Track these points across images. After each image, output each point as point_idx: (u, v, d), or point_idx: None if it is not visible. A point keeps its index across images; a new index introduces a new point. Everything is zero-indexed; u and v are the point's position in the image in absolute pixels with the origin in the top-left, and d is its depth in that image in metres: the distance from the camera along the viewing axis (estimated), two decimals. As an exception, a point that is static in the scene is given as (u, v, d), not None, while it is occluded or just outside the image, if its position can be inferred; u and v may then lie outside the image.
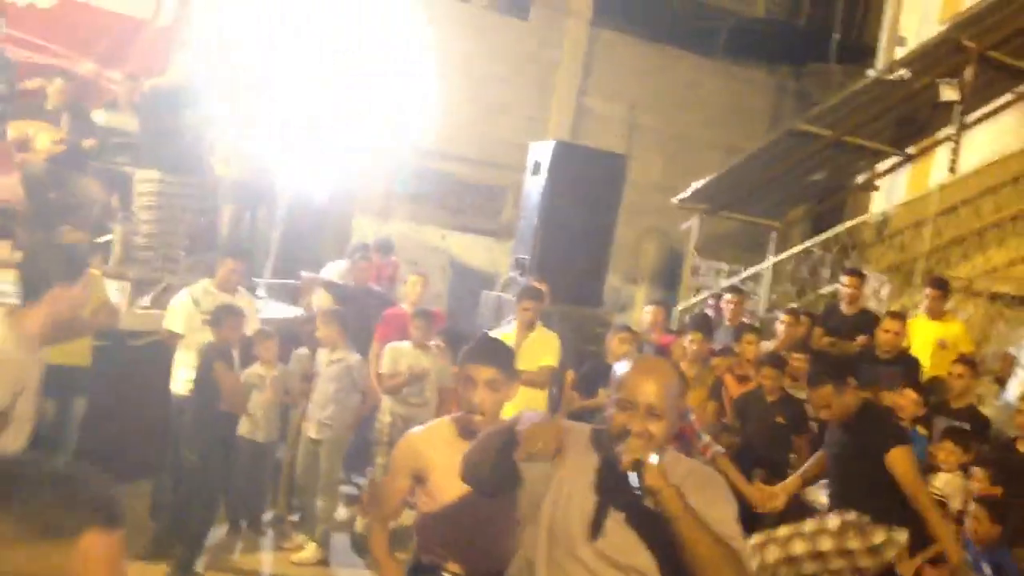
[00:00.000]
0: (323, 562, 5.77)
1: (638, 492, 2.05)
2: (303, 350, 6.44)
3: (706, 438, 5.42)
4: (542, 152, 8.06)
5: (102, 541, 1.05)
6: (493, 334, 6.66)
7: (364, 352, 6.34)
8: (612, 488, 2.16)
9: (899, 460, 4.29)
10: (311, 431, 5.92)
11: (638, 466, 2.05)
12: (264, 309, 7.27)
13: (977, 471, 5.20)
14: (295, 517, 6.24)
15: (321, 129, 7.56)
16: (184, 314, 5.84)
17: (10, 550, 1.00)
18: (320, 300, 7.55)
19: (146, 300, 6.28)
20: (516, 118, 11.83)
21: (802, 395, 6.68)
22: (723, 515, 2.18)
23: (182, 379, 5.66)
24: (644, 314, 8.20)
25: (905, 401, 5.93)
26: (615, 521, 2.16)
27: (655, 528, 2.08)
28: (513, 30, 12.24)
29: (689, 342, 7.05)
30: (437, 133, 11.41)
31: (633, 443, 2.10)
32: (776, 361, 6.53)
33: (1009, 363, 6.67)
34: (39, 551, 1.01)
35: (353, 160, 8.78)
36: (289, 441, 6.44)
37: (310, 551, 5.78)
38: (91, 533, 1.04)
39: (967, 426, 6.00)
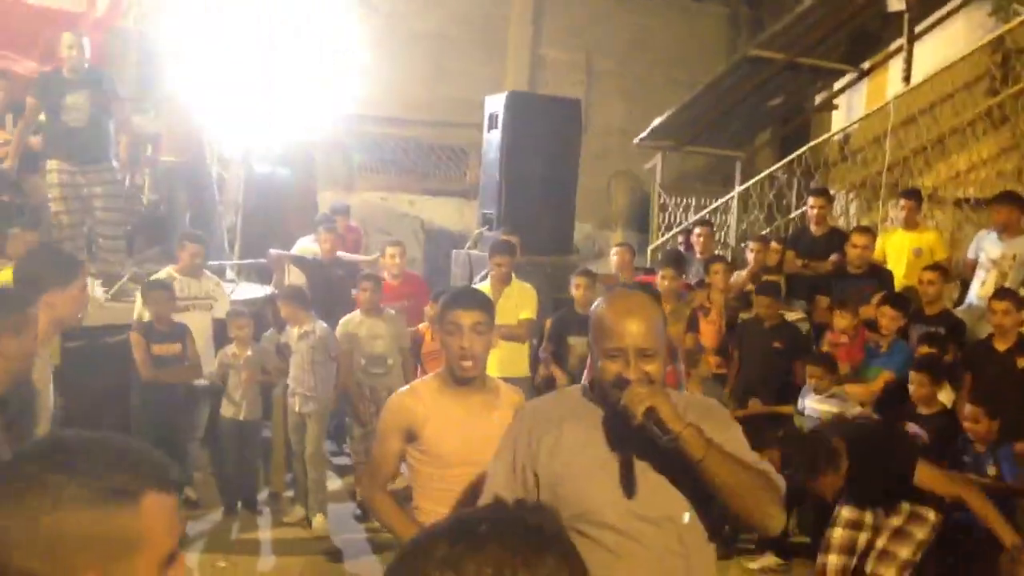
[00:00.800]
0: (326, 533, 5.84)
1: (658, 439, 1.92)
2: (270, 331, 6.43)
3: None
4: (496, 105, 8.02)
5: (160, 502, 1.12)
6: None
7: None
8: (626, 441, 2.04)
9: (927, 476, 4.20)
10: (296, 405, 5.95)
11: (652, 413, 1.92)
12: (236, 291, 7.25)
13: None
14: (290, 493, 6.28)
15: (265, 102, 7.46)
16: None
17: (80, 513, 1.06)
18: (292, 277, 7.53)
19: (104, 294, 6.21)
20: (473, 76, 11.70)
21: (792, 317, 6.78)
22: (735, 437, 2.11)
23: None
24: (612, 256, 8.23)
25: (884, 318, 6.00)
26: (641, 473, 2.04)
27: (682, 470, 1.97)
28: (458, -14, 12.09)
29: (661, 278, 7.08)
30: (393, 99, 11.32)
31: (638, 391, 1.97)
32: (770, 288, 6.58)
33: (971, 267, 6.72)
34: (106, 513, 1.07)
35: (306, 133, 8.73)
36: (275, 419, 6.46)
37: (318, 522, 5.82)
38: (151, 495, 1.11)
39: (942, 330, 6.09)
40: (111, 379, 5.72)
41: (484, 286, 6.57)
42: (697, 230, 8.20)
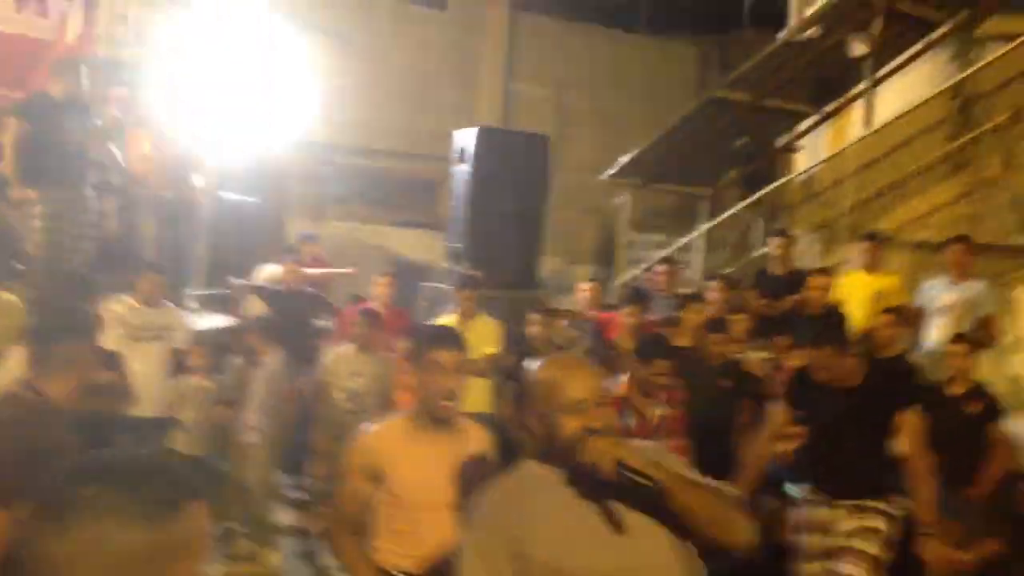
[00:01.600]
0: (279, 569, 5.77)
1: (635, 488, 1.93)
2: (238, 360, 6.39)
3: None
4: (466, 140, 8.06)
5: (199, 511, 1.19)
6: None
7: (305, 355, 6.30)
8: (597, 492, 2.02)
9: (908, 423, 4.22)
10: (245, 437, 5.91)
11: (624, 464, 1.93)
12: (198, 321, 7.21)
13: None
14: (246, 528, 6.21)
15: (233, 133, 7.47)
16: (110, 334, 5.78)
17: (127, 527, 1.11)
18: (253, 307, 7.49)
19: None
20: (443, 109, 11.80)
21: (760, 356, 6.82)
22: (680, 465, 2.15)
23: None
24: (580, 292, 8.27)
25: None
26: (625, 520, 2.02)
27: (656, 508, 1.98)
28: (432, 21, 12.21)
29: (626, 315, 7.12)
30: (366, 130, 11.38)
31: (604, 443, 1.97)
32: (718, 325, 6.61)
33: (921, 315, 6.83)
34: (151, 525, 1.13)
35: (278, 162, 8.75)
36: (232, 452, 6.40)
37: (268, 558, 5.75)
38: (190, 506, 1.17)
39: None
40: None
41: (450, 320, 6.59)
42: (659, 268, 8.27)
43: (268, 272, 7.88)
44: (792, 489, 4.67)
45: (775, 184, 9.10)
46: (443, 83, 12.23)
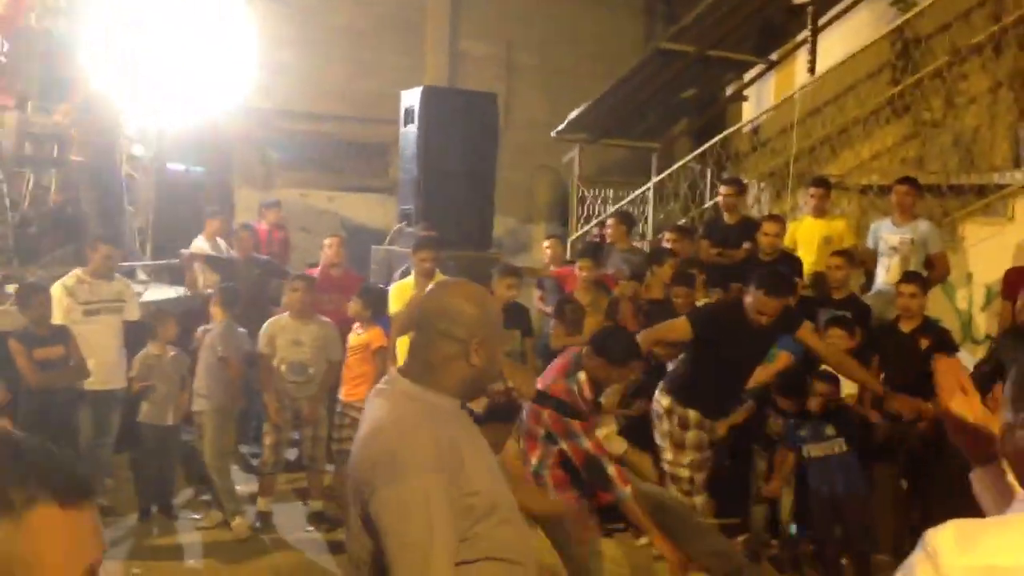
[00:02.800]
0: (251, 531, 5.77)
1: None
2: (200, 329, 6.30)
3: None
4: (412, 100, 7.98)
5: (56, 518, 0.92)
6: (392, 286, 6.67)
7: (259, 323, 6.22)
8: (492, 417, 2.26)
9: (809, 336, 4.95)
10: (194, 405, 5.88)
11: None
12: (146, 292, 7.11)
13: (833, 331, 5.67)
14: (207, 496, 6.19)
15: (173, 102, 7.32)
16: (61, 308, 5.69)
17: None
18: (205, 277, 7.41)
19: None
20: (391, 70, 11.64)
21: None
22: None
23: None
24: (544, 249, 8.30)
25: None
26: None
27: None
28: (375, -20, 12.01)
29: (579, 269, 7.16)
30: (311, 95, 11.20)
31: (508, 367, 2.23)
32: (685, 278, 6.65)
33: (871, 256, 6.95)
34: None
35: (221, 130, 8.60)
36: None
37: (236, 524, 5.74)
38: (42, 508, 0.92)
39: (848, 314, 6.29)
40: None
41: (407, 282, 6.56)
42: (610, 221, 8.31)
43: (198, 243, 7.73)
44: None
45: (723, 134, 9.14)
46: (389, 44, 12.06)
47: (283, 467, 6.20)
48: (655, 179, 9.79)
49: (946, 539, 1.40)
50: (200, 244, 7.57)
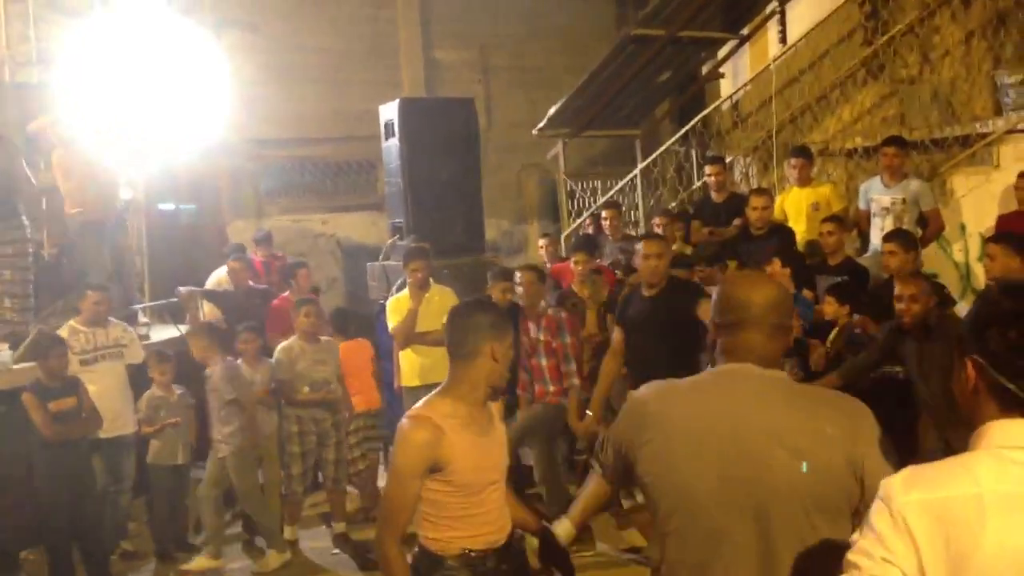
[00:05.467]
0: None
1: None
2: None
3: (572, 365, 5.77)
4: (390, 113, 8.02)
5: None
6: (389, 301, 6.71)
7: (267, 354, 6.27)
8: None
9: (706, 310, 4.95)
10: (218, 451, 5.91)
11: None
12: (150, 334, 7.15)
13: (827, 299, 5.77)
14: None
15: (156, 141, 7.35)
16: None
17: None
18: (206, 312, 7.45)
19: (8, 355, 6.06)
20: (368, 87, 11.65)
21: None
22: None
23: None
24: (539, 248, 8.33)
25: (775, 273, 6.17)
26: None
27: None
28: (341, 1, 12.03)
29: (574, 263, 7.19)
30: (292, 120, 11.23)
31: None
32: (684, 262, 6.69)
33: (865, 217, 6.97)
34: None
35: (208, 165, 8.63)
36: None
37: (271, 558, 5.79)
38: None
39: (846, 279, 6.30)
40: (21, 444, 5.56)
41: (403, 296, 6.60)
42: (605, 212, 8.33)
43: (219, 275, 7.83)
44: None
45: (702, 114, 9.15)
46: (364, 61, 12.07)
47: (309, 492, 6.26)
48: (641, 165, 9.80)
49: (895, 483, 1.53)
50: (222, 275, 7.63)
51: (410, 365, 6.51)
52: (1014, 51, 7.25)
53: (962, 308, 5.89)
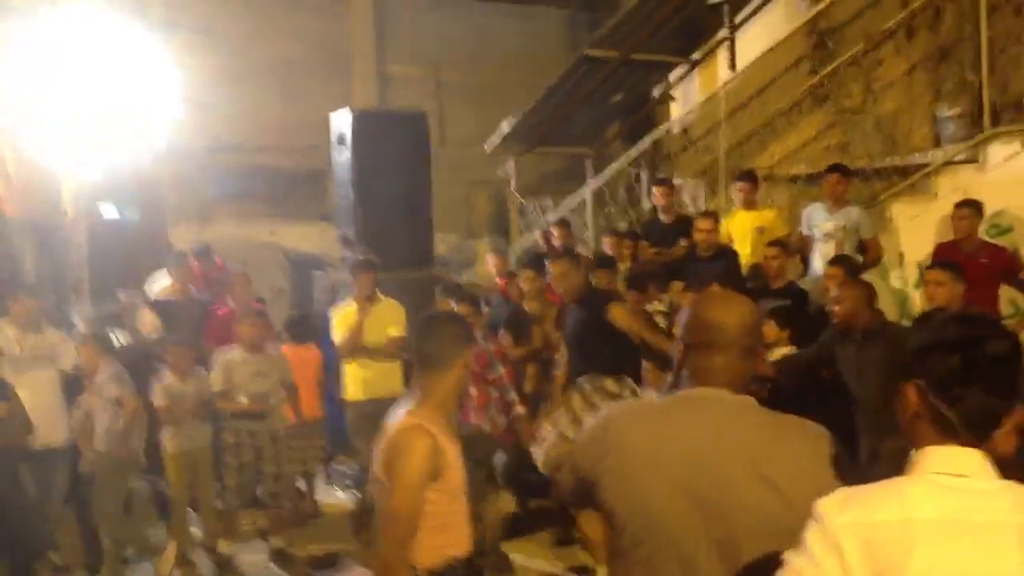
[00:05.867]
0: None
1: None
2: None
3: (512, 395, 5.78)
4: (342, 124, 7.97)
5: None
6: (335, 312, 6.66)
7: (203, 363, 6.17)
8: None
9: (619, 315, 5.36)
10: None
11: None
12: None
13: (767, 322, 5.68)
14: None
15: (99, 145, 7.21)
16: (-5, 363, 5.57)
17: None
18: (147, 320, 7.30)
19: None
20: (321, 98, 11.56)
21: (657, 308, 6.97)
22: None
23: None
24: (487, 264, 8.33)
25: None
26: None
27: None
28: (296, 8, 11.95)
29: (523, 280, 7.21)
30: (242, 127, 11.11)
31: None
32: (637, 282, 6.76)
33: (807, 242, 7.11)
34: None
35: (151, 170, 8.48)
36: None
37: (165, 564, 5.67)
38: None
39: (788, 302, 6.41)
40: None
41: (349, 307, 6.55)
42: (554, 230, 8.38)
43: (159, 284, 7.68)
44: None
45: (652, 136, 9.27)
46: (317, 71, 12.01)
47: (247, 506, 6.15)
48: (591, 184, 9.88)
49: (831, 503, 1.56)
50: (164, 282, 7.48)
51: (353, 377, 6.47)
52: (954, 85, 7.47)
53: (899, 334, 6.02)
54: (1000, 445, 1.60)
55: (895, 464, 1.63)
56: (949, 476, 1.52)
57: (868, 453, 4.62)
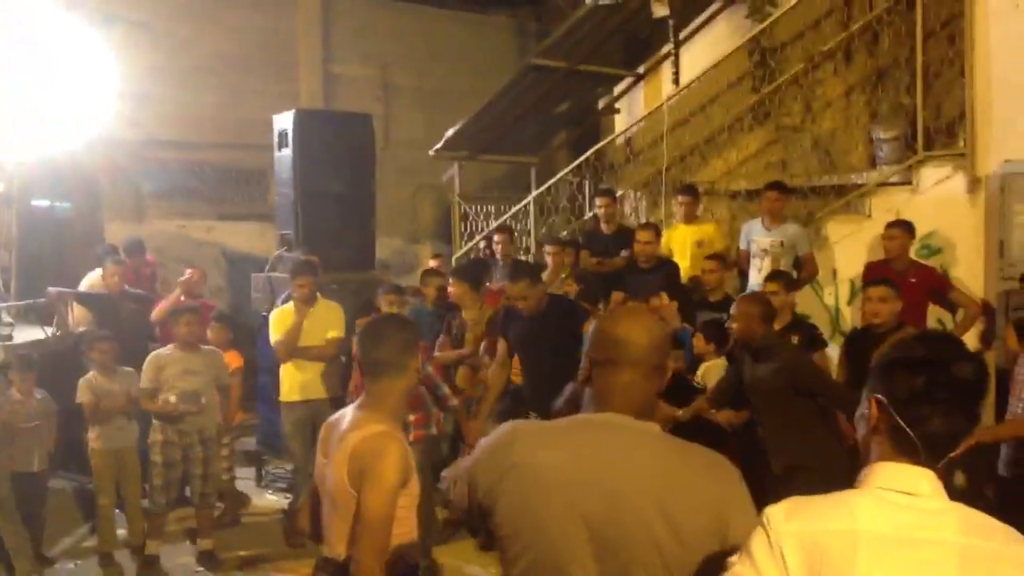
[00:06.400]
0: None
1: None
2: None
3: (445, 389, 5.72)
4: (285, 123, 7.90)
5: None
6: (273, 313, 6.57)
7: (137, 359, 6.03)
8: None
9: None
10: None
11: None
12: (13, 334, 6.79)
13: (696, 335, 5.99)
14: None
15: (35, 136, 7.03)
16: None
17: None
18: (76, 315, 7.13)
19: None
20: (264, 96, 11.45)
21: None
22: None
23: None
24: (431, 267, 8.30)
25: (663, 306, 6.35)
26: None
27: None
28: (242, 4, 11.80)
29: (451, 287, 7.20)
30: (183, 123, 10.91)
31: None
32: (590, 294, 6.79)
33: (744, 257, 7.23)
34: None
35: (88, 162, 8.29)
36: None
37: None
38: None
39: (725, 315, 6.50)
40: None
41: (287, 308, 6.48)
42: (496, 236, 8.39)
43: (93, 278, 7.50)
44: None
45: (596, 147, 9.34)
46: (261, 69, 11.87)
47: (174, 507, 6.02)
48: (535, 192, 9.92)
49: (778, 511, 1.56)
50: (96, 279, 7.29)
51: (291, 380, 6.39)
52: (889, 108, 7.67)
53: (832, 350, 6.16)
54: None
55: (789, 484, 1.66)
56: (898, 493, 1.54)
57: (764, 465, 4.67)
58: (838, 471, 4.46)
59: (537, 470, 1.90)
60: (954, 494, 1.57)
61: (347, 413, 2.81)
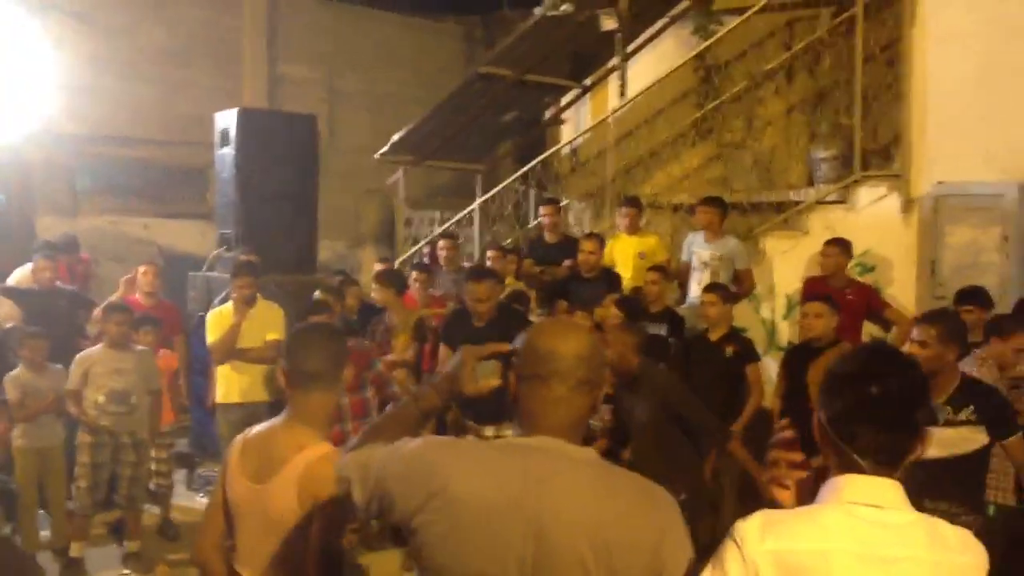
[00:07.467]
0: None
1: None
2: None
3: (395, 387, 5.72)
4: (227, 122, 7.78)
5: None
6: (210, 314, 6.44)
7: (70, 356, 5.85)
8: None
9: None
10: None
11: None
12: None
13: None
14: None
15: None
16: None
17: None
18: (4, 310, 6.90)
19: None
20: (206, 92, 11.28)
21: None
22: None
23: None
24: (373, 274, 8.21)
25: (609, 315, 6.38)
26: None
27: None
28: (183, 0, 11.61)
29: (374, 292, 7.16)
30: (121, 118, 10.68)
31: None
32: (520, 298, 6.79)
33: (686, 269, 7.33)
34: None
35: (20, 155, 8.07)
36: None
37: None
38: None
39: (664, 328, 6.58)
40: None
41: (225, 309, 6.36)
42: (441, 243, 8.36)
43: (21, 274, 7.28)
44: None
45: (542, 156, 9.39)
46: (204, 65, 11.68)
47: (100, 509, 5.86)
48: (480, 200, 9.92)
49: (752, 527, 1.56)
50: (25, 274, 7.06)
51: (227, 382, 6.28)
52: (828, 128, 7.85)
53: (767, 363, 6.27)
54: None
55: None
56: (863, 506, 1.56)
57: None
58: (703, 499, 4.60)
59: (463, 504, 1.76)
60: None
61: (268, 429, 2.61)
